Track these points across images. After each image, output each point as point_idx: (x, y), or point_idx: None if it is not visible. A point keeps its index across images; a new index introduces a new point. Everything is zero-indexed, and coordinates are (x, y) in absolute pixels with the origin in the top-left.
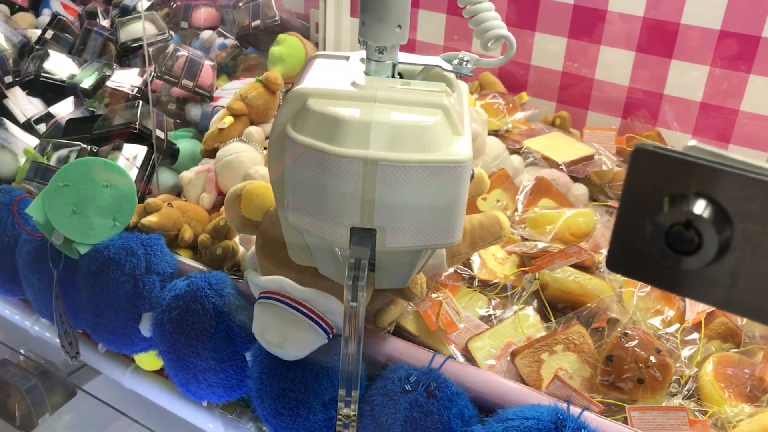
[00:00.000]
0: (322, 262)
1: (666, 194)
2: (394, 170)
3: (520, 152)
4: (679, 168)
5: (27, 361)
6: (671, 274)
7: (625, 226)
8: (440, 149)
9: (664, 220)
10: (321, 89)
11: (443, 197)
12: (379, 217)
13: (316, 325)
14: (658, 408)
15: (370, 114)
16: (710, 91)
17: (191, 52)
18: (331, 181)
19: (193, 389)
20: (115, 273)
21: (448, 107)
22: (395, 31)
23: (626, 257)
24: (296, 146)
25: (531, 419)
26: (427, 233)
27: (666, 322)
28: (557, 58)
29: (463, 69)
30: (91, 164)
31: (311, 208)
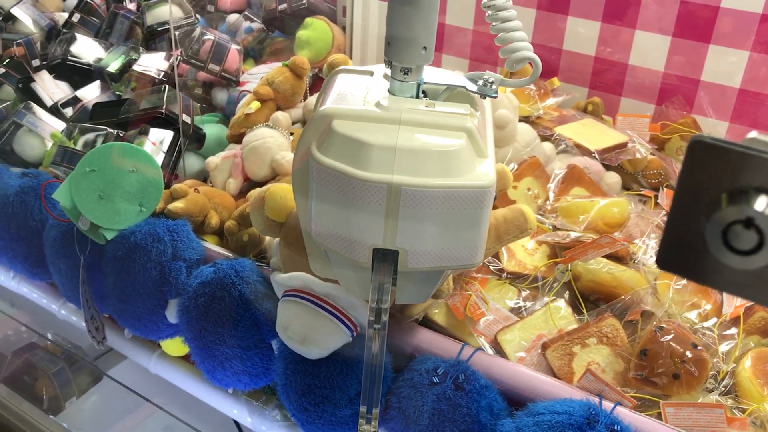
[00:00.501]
0: (344, 279)
1: (724, 190)
2: (417, 195)
3: (551, 139)
4: (739, 162)
5: (54, 345)
6: (728, 275)
7: (678, 223)
8: (464, 173)
9: (723, 217)
10: (346, 110)
11: (466, 220)
12: (401, 239)
13: (340, 322)
14: (694, 404)
15: (394, 138)
16: (749, 77)
17: (218, 36)
18: (356, 203)
19: (219, 376)
20: (142, 259)
21: (472, 130)
22: (421, 52)
23: (679, 255)
24: (321, 168)
25: (562, 414)
26: (449, 255)
27: (702, 316)
28: (590, 42)
29: (487, 90)
30: (118, 149)
31: (335, 228)
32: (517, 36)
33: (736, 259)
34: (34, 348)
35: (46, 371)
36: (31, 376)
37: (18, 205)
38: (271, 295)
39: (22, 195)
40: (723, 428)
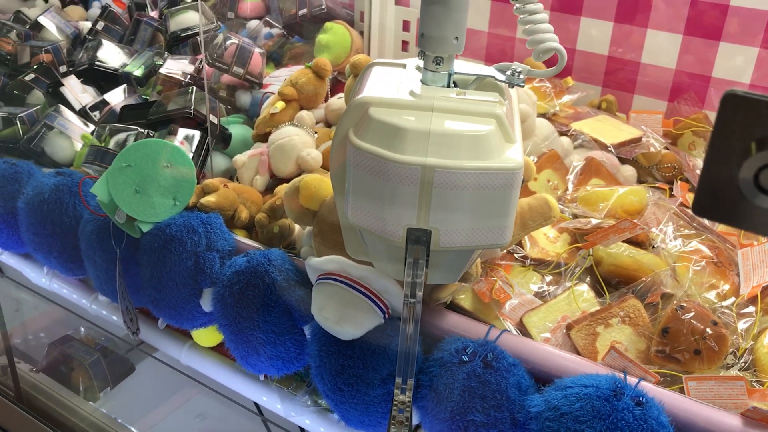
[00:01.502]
0: (378, 259)
1: (755, 138)
2: (450, 176)
3: (568, 134)
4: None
5: (88, 338)
6: (761, 216)
7: (712, 171)
8: (493, 157)
9: (754, 162)
10: (382, 98)
11: (495, 201)
12: (434, 219)
13: (373, 304)
14: (715, 378)
15: (427, 123)
16: (759, 74)
17: (241, 41)
18: (391, 185)
19: (253, 362)
20: (177, 250)
21: (501, 116)
22: (453, 42)
23: (714, 201)
24: (358, 152)
25: (590, 387)
26: (479, 234)
27: (721, 296)
28: (603, 42)
29: (515, 80)
30: (153, 145)
31: (370, 209)
32: (543, 28)
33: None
34: (69, 340)
35: (81, 362)
36: (68, 366)
37: (53, 202)
38: (303, 283)
39: (57, 193)
40: (744, 400)
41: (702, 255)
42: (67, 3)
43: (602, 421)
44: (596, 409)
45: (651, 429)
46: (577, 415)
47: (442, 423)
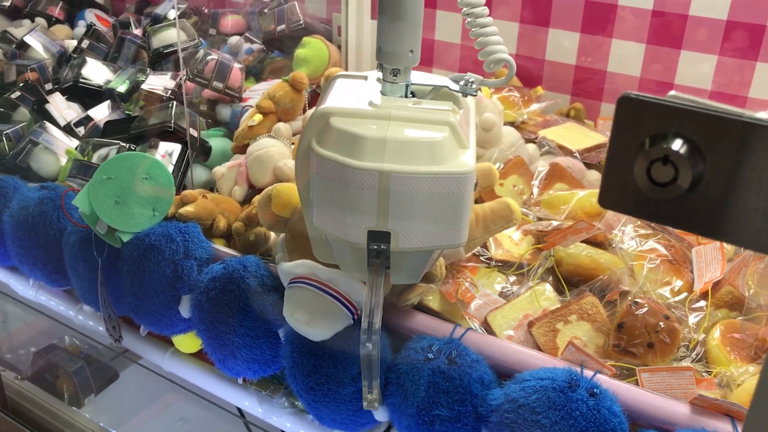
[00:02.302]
0: (343, 261)
1: (648, 135)
2: (405, 181)
3: (535, 141)
4: (659, 112)
5: (73, 346)
6: (655, 206)
7: (613, 166)
8: (447, 162)
9: (646, 156)
10: (342, 108)
11: (449, 204)
12: (393, 222)
13: (342, 305)
14: (666, 369)
15: (384, 131)
16: (720, 81)
17: (221, 56)
18: (351, 190)
19: (230, 365)
20: (156, 258)
21: (454, 124)
22: (408, 55)
23: (616, 194)
24: (320, 159)
25: (546, 379)
26: (436, 235)
27: (674, 292)
28: (570, 52)
29: (468, 89)
30: (132, 158)
31: (333, 214)
32: (493, 40)
33: (658, 191)
34: (54, 349)
35: (66, 369)
36: (53, 374)
37: (38, 215)
38: (277, 288)
39: (41, 206)
40: (693, 389)
41: (658, 253)
42: (54, 22)
43: (557, 411)
44: (551, 400)
45: (603, 418)
46: (534, 406)
47: (410, 418)
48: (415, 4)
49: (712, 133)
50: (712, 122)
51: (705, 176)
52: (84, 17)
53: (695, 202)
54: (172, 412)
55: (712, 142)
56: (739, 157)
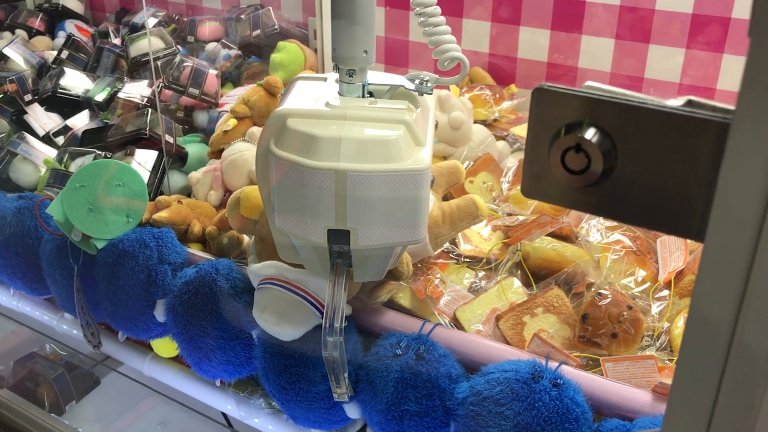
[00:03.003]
0: (308, 261)
1: (563, 125)
2: (362, 179)
3: (506, 139)
4: (572, 102)
5: (54, 354)
6: (572, 194)
7: (533, 156)
8: (403, 159)
9: (560, 145)
10: (299, 110)
11: (406, 200)
12: (351, 220)
13: (310, 304)
14: (629, 358)
15: (340, 131)
16: (689, 73)
17: (196, 62)
18: (309, 190)
19: (206, 367)
20: (130, 264)
21: (409, 122)
22: (362, 55)
23: (537, 183)
24: (278, 161)
25: (510, 371)
26: (395, 232)
27: (638, 282)
28: (542, 49)
29: (423, 88)
30: (104, 165)
31: (294, 214)
32: (446, 39)
33: (573, 178)
34: (34, 357)
35: (46, 377)
36: (33, 382)
37: (15, 225)
38: (250, 290)
39: (18, 215)
40: (655, 377)
41: (623, 245)
42: (34, 34)
43: (520, 402)
44: (515, 391)
45: (566, 408)
46: (498, 398)
47: (380, 414)
48: (367, 6)
49: (621, 121)
50: (621, 110)
51: (617, 163)
52: (64, 28)
53: (610, 188)
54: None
55: (622, 130)
56: (648, 144)
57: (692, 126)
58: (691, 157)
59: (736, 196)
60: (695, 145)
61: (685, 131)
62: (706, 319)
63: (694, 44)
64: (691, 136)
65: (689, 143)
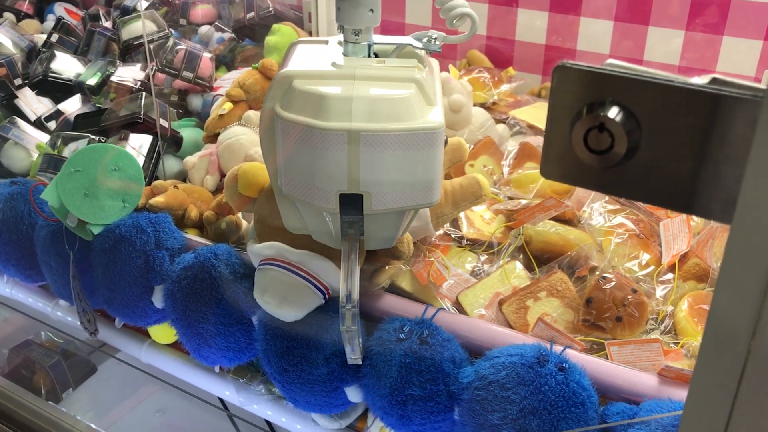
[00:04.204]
0: (316, 230)
1: (585, 104)
2: (375, 139)
3: (505, 122)
4: (595, 80)
5: (50, 341)
6: (594, 175)
7: (553, 136)
8: (415, 118)
9: (582, 125)
10: (305, 71)
11: (421, 161)
12: (364, 183)
13: (312, 285)
14: (634, 341)
15: (350, 90)
16: (688, 56)
17: (190, 46)
18: (320, 152)
19: (205, 353)
20: (127, 249)
21: (420, 80)
22: (368, 14)
23: (557, 164)
24: (286, 123)
25: (515, 355)
26: (409, 195)
27: (642, 266)
28: (540, 32)
29: (431, 46)
30: (100, 150)
31: (302, 180)
32: None
33: (596, 159)
34: (30, 345)
35: (42, 365)
36: (29, 370)
37: (8, 211)
38: (249, 275)
39: (11, 201)
40: (660, 360)
41: (626, 228)
42: (23, 17)
43: (526, 386)
44: (521, 375)
45: (572, 391)
46: (503, 382)
47: (383, 399)
48: None
49: (646, 99)
50: (646, 88)
51: (642, 143)
52: (53, 11)
53: (633, 169)
54: (150, 403)
55: (647, 109)
56: (674, 123)
57: (721, 104)
58: (719, 137)
59: (767, 176)
60: (724, 124)
61: (713, 110)
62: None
63: (693, 26)
64: (720, 114)
65: (718, 122)
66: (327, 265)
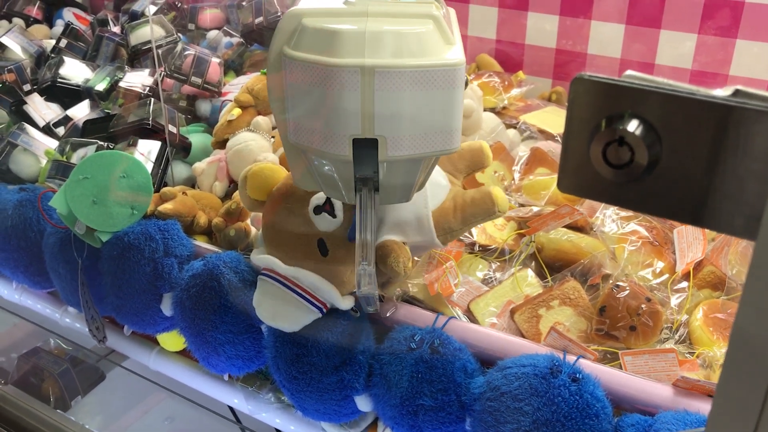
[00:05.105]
0: (327, 185)
1: (604, 117)
2: (391, 77)
3: (516, 127)
4: (614, 92)
5: (58, 348)
6: (613, 189)
7: (571, 149)
8: (433, 55)
9: (601, 138)
10: (315, 8)
11: (439, 102)
12: (379, 126)
13: (305, 301)
14: (649, 351)
15: (364, 25)
16: (701, 59)
17: (198, 51)
18: (331, 93)
19: (214, 362)
20: (136, 257)
21: (438, 17)
22: None
23: (574, 177)
24: (295, 64)
25: (528, 366)
26: (427, 140)
27: (656, 274)
28: (551, 36)
29: None
30: (109, 157)
31: (312, 125)
32: None
33: (615, 173)
34: (39, 352)
35: (51, 372)
36: (38, 378)
37: (17, 218)
38: None
39: (20, 208)
40: (675, 371)
41: (639, 236)
42: (32, 22)
43: (539, 398)
44: (533, 386)
45: (586, 403)
46: (516, 393)
47: (394, 409)
48: None
49: (667, 112)
50: (666, 101)
51: (662, 157)
52: (62, 16)
53: (654, 183)
54: (159, 411)
55: (668, 122)
56: (696, 137)
57: (745, 118)
58: (743, 151)
59: None
60: (748, 138)
61: (737, 123)
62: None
63: (705, 29)
64: (743, 128)
65: (742, 136)
66: (315, 279)
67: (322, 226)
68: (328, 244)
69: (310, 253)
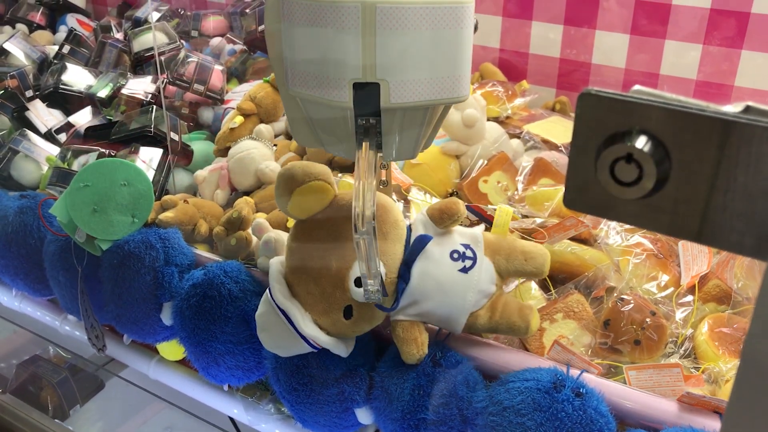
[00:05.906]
0: (328, 140)
1: (611, 132)
2: (394, 13)
3: (519, 137)
4: (621, 107)
5: (57, 357)
6: (620, 206)
7: (577, 165)
8: None
9: (609, 154)
10: None
11: (446, 42)
12: (382, 69)
13: (301, 337)
14: (653, 366)
15: None
16: (705, 70)
17: (201, 58)
18: (330, 32)
19: (214, 372)
20: (136, 266)
21: None
22: None
23: (580, 194)
24: (291, 3)
25: (531, 380)
26: (433, 85)
27: (661, 287)
28: (555, 45)
29: None
30: (109, 165)
31: (311, 70)
32: None
33: (623, 190)
34: (37, 360)
35: (50, 381)
36: (36, 386)
37: (17, 225)
38: (259, 293)
39: (21, 215)
40: (680, 386)
41: (643, 248)
42: (35, 28)
43: (542, 413)
44: (536, 401)
45: (590, 418)
46: (519, 408)
47: (395, 423)
48: None
49: (676, 129)
50: (676, 117)
51: (671, 174)
52: (65, 22)
53: (662, 201)
54: (158, 420)
55: (677, 139)
56: (706, 154)
57: (757, 135)
58: (754, 169)
59: None
60: (760, 156)
61: (748, 141)
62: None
63: (711, 40)
64: (755, 145)
65: (753, 153)
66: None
67: (357, 297)
68: (355, 311)
69: (333, 312)
